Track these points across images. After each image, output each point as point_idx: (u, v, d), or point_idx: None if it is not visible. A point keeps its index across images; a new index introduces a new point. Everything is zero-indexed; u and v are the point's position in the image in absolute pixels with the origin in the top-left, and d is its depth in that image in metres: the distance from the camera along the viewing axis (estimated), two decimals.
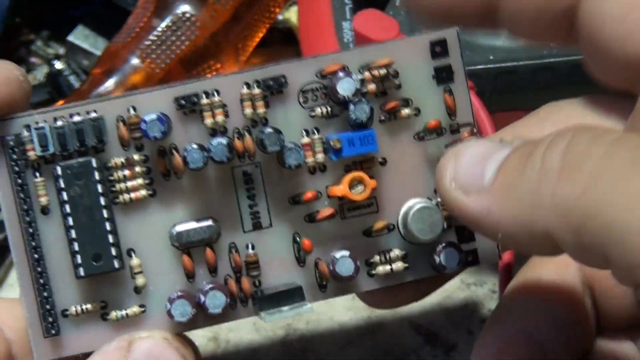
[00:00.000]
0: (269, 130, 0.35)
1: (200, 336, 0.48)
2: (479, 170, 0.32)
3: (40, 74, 0.60)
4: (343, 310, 0.50)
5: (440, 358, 0.49)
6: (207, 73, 0.51)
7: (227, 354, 0.48)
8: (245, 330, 0.49)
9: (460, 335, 0.50)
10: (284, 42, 0.62)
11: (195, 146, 0.34)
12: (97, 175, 0.34)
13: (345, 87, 0.35)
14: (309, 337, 0.49)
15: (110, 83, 0.49)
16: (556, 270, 0.38)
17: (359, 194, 0.36)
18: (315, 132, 0.36)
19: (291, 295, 0.36)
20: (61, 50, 0.62)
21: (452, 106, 0.37)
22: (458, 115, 0.37)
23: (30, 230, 0.35)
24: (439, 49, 0.37)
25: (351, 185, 0.36)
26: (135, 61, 0.50)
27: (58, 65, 0.57)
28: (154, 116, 0.34)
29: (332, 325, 0.50)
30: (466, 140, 0.36)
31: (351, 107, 0.35)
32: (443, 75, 0.37)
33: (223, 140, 0.34)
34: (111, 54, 0.51)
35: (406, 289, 0.38)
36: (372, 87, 0.36)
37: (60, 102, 0.53)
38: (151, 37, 0.51)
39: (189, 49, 0.51)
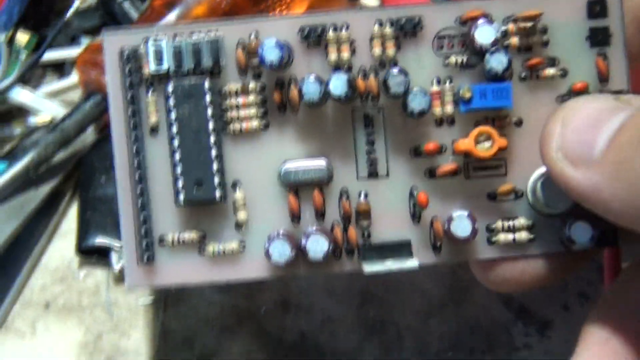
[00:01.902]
0: (395, 70, 0.34)
1: (268, 300, 0.47)
2: (589, 138, 0.30)
3: None
4: (424, 276, 0.48)
5: (534, 337, 0.47)
6: (276, 7, 0.49)
7: (297, 321, 0.47)
8: (317, 295, 0.47)
9: (556, 312, 0.47)
10: None
11: (312, 78, 0.33)
12: (208, 98, 0.34)
13: (483, 35, 0.34)
14: (387, 306, 0.47)
15: (171, 16, 0.48)
16: None
17: (485, 150, 0.34)
18: (447, 81, 0.35)
19: (398, 249, 0.34)
20: None
21: (604, 71, 0.35)
22: (610, 82, 0.35)
23: (136, 148, 0.34)
24: (597, 8, 0.35)
25: (478, 141, 0.34)
26: None
27: None
28: (272, 41, 0.33)
29: (413, 293, 0.48)
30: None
31: (487, 56, 0.34)
32: (598, 37, 0.35)
33: (344, 76, 0.33)
34: None
35: (530, 267, 0.36)
36: (514, 40, 0.35)
37: None
38: None
39: None
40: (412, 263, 0.34)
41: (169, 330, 0.46)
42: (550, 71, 0.35)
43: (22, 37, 0.49)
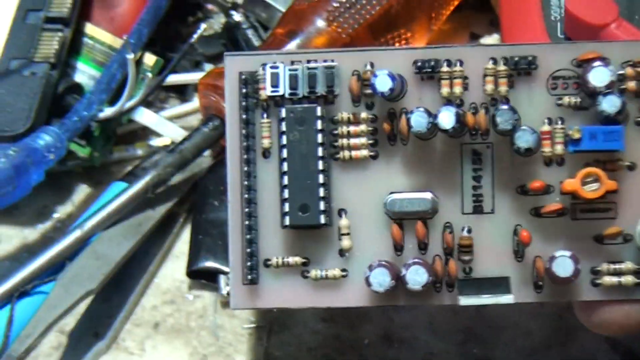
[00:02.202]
0: (504, 107, 0.34)
1: (371, 332, 0.47)
2: None
3: (216, 23, 0.58)
4: (529, 317, 0.47)
5: None
6: (396, 42, 0.50)
7: (399, 355, 0.47)
8: (420, 330, 0.47)
9: None
10: (477, 8, 0.58)
11: (422, 109, 0.34)
12: (319, 124, 0.35)
13: (598, 77, 0.34)
14: (490, 344, 0.46)
15: (292, 45, 0.48)
16: None
17: (592, 191, 0.33)
18: (559, 121, 0.35)
19: (496, 285, 0.34)
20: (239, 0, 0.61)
21: None
22: None
23: (248, 170, 0.35)
24: None
25: (585, 182, 0.34)
26: (321, 23, 0.49)
27: (236, 17, 0.58)
28: (385, 71, 0.34)
29: (517, 333, 0.47)
30: None
31: (600, 98, 0.34)
32: None
33: (453, 109, 0.34)
34: (296, 14, 0.50)
35: (635, 310, 0.35)
36: (631, 84, 0.35)
37: None
38: None
39: (379, 14, 0.49)
40: (507, 298, 0.34)
41: (271, 357, 0.47)
42: None
43: (149, 60, 0.51)
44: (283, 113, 0.35)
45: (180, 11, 0.56)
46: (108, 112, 0.49)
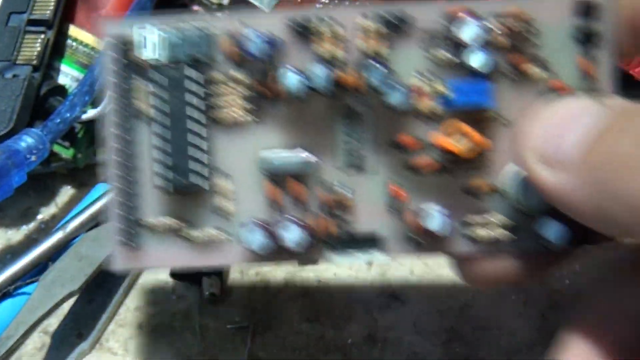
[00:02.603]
0: (375, 63, 0.34)
1: (355, 332, 0.48)
2: (561, 139, 0.30)
3: None
4: (513, 317, 0.48)
5: None
6: None
7: (383, 355, 0.48)
8: (404, 330, 0.48)
9: None
10: None
11: (292, 69, 0.34)
12: (194, 86, 0.36)
13: (468, 32, 0.35)
14: (473, 344, 0.47)
15: None
16: None
17: (461, 146, 0.34)
18: (430, 77, 0.35)
19: (369, 243, 0.35)
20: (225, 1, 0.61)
21: (589, 72, 0.35)
22: (595, 83, 0.35)
23: (126, 131, 0.36)
24: (586, 8, 0.35)
25: (454, 137, 0.34)
26: None
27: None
28: (254, 32, 0.35)
29: (500, 333, 0.48)
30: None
31: (470, 53, 0.34)
32: (586, 38, 0.35)
33: (324, 68, 0.34)
34: None
35: (507, 264, 0.36)
36: (500, 38, 0.35)
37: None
38: None
39: None
40: (382, 257, 0.35)
41: (255, 357, 0.47)
42: (535, 70, 0.35)
43: None
44: (157, 76, 0.35)
45: (165, 12, 0.56)
46: (91, 113, 0.50)
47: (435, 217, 0.35)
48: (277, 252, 0.36)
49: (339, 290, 0.49)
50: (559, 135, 0.30)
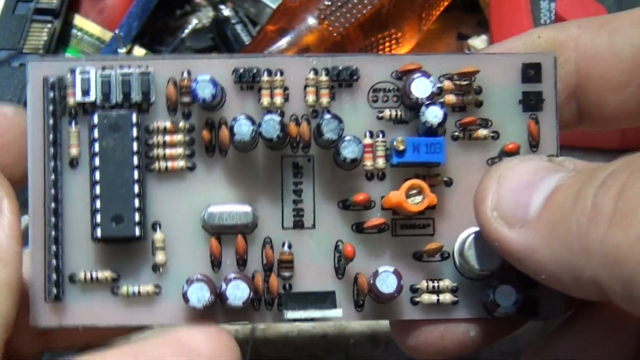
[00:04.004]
0: (328, 116, 0.34)
1: (357, 332, 0.47)
2: (525, 198, 0.31)
3: (205, 17, 0.58)
4: None
5: None
6: (387, 42, 0.50)
7: (386, 355, 0.46)
8: None
9: None
10: (466, 9, 0.58)
11: (244, 117, 0.33)
12: (134, 132, 0.34)
13: (420, 88, 0.34)
14: None
15: (282, 42, 0.49)
16: None
17: (415, 204, 0.33)
18: (380, 135, 0.35)
19: (321, 299, 0.34)
20: None
21: (535, 135, 0.35)
22: (540, 147, 0.35)
23: (54, 179, 0.34)
24: (531, 72, 0.35)
25: (409, 195, 0.33)
26: (312, 21, 0.49)
27: (225, 11, 0.57)
28: (207, 77, 0.33)
29: None
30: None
31: (423, 109, 0.34)
32: (531, 102, 0.36)
33: (276, 117, 0.33)
34: (287, 11, 0.50)
35: (451, 331, 0.35)
36: (449, 97, 0.35)
37: None
38: None
39: (371, 13, 0.49)
40: (336, 313, 0.33)
41: (258, 355, 0.46)
42: (483, 132, 0.35)
43: (138, 53, 0.51)
44: (95, 119, 0.34)
45: (169, 4, 0.56)
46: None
47: (387, 279, 0.34)
48: (218, 312, 0.34)
49: None
50: (523, 197, 0.31)
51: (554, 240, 0.29)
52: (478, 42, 0.54)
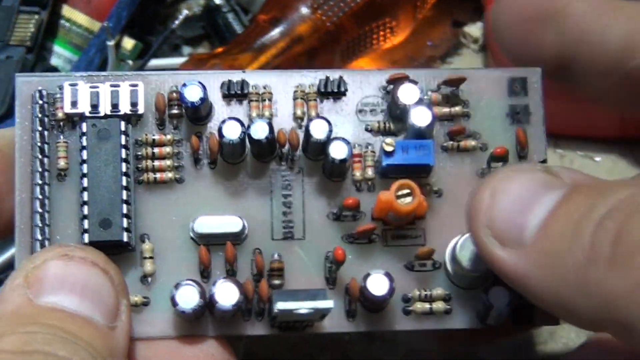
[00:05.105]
0: (317, 118, 0.34)
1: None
2: (519, 221, 0.30)
3: (196, 5, 0.56)
4: None
5: None
6: (381, 31, 0.49)
7: (381, 351, 0.46)
8: None
9: None
10: None
11: (233, 120, 0.33)
12: (123, 140, 0.34)
13: (407, 94, 0.35)
14: (473, 342, 0.45)
15: (275, 32, 0.48)
16: None
17: (405, 205, 0.33)
18: (369, 146, 0.35)
19: (312, 295, 0.33)
20: None
21: (523, 143, 0.35)
22: (529, 156, 0.36)
23: (41, 193, 0.34)
24: (517, 86, 0.36)
25: (399, 196, 0.33)
26: (305, 11, 0.48)
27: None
28: (195, 81, 0.33)
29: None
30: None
31: (411, 111, 0.34)
32: (518, 115, 0.36)
33: (265, 120, 0.34)
34: (280, 1, 0.50)
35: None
36: (437, 109, 0.35)
37: (220, 49, 0.51)
38: None
39: (364, 2, 0.49)
40: (327, 304, 0.33)
41: (250, 352, 0.45)
42: (471, 143, 0.36)
43: (128, 43, 0.51)
44: (84, 127, 0.34)
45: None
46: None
47: (379, 281, 0.33)
48: (208, 322, 0.34)
49: None
50: (518, 218, 0.30)
51: (550, 272, 0.29)
52: (473, 29, 0.54)
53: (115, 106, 0.34)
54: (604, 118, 0.45)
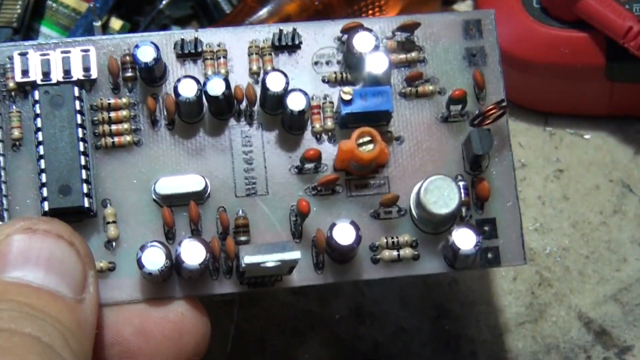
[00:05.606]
0: (273, 71, 0.34)
1: (342, 306, 0.46)
2: None
3: None
4: (502, 294, 0.46)
5: None
6: (369, 9, 0.49)
7: (371, 330, 0.45)
8: (392, 304, 0.46)
9: (637, 337, 0.45)
10: None
11: (188, 78, 0.33)
12: (77, 105, 0.34)
13: (362, 42, 0.35)
14: (462, 321, 0.46)
15: (263, 12, 0.47)
16: None
17: (367, 152, 0.33)
18: (327, 97, 0.35)
19: (279, 248, 0.33)
20: None
21: (480, 83, 0.35)
22: (487, 96, 0.36)
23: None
24: (472, 29, 0.36)
25: (360, 144, 0.33)
26: None
27: None
28: (147, 42, 0.33)
29: (489, 309, 0.46)
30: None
31: (367, 58, 0.34)
32: (474, 57, 0.36)
33: (221, 76, 0.34)
34: None
35: None
36: (393, 56, 0.35)
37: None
38: None
39: None
40: (294, 255, 0.33)
41: (240, 330, 0.45)
42: (429, 87, 0.36)
43: (115, 24, 0.49)
44: (36, 95, 0.34)
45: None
46: None
47: (345, 230, 0.33)
48: (175, 283, 0.34)
49: None
50: None
51: None
52: (463, 6, 0.53)
53: (67, 72, 0.34)
54: (593, 95, 0.45)
